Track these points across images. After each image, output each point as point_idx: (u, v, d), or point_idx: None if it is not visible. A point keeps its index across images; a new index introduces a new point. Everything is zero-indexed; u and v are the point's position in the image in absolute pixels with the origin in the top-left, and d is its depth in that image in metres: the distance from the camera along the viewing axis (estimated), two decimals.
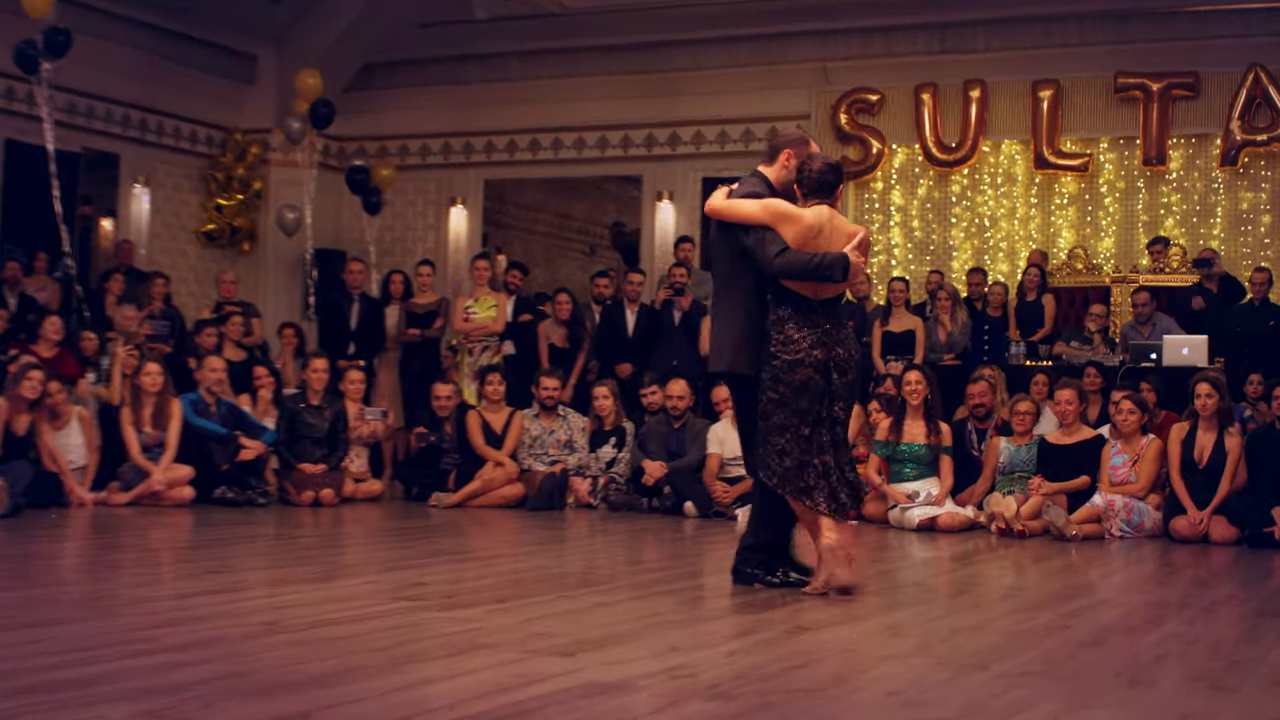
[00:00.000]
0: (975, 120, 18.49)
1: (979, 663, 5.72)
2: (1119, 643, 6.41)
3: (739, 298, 7.85)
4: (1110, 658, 6.01)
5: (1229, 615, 7.59)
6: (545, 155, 21.05)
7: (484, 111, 21.09)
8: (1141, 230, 17.99)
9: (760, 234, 7.63)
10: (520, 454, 13.89)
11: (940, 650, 6.05)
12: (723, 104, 19.64)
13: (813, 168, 7.81)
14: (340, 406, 13.98)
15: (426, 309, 16.52)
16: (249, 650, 5.61)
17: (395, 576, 8.29)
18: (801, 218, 7.67)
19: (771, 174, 8.02)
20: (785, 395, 7.63)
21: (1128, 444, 12.06)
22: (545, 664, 5.42)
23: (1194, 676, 5.66)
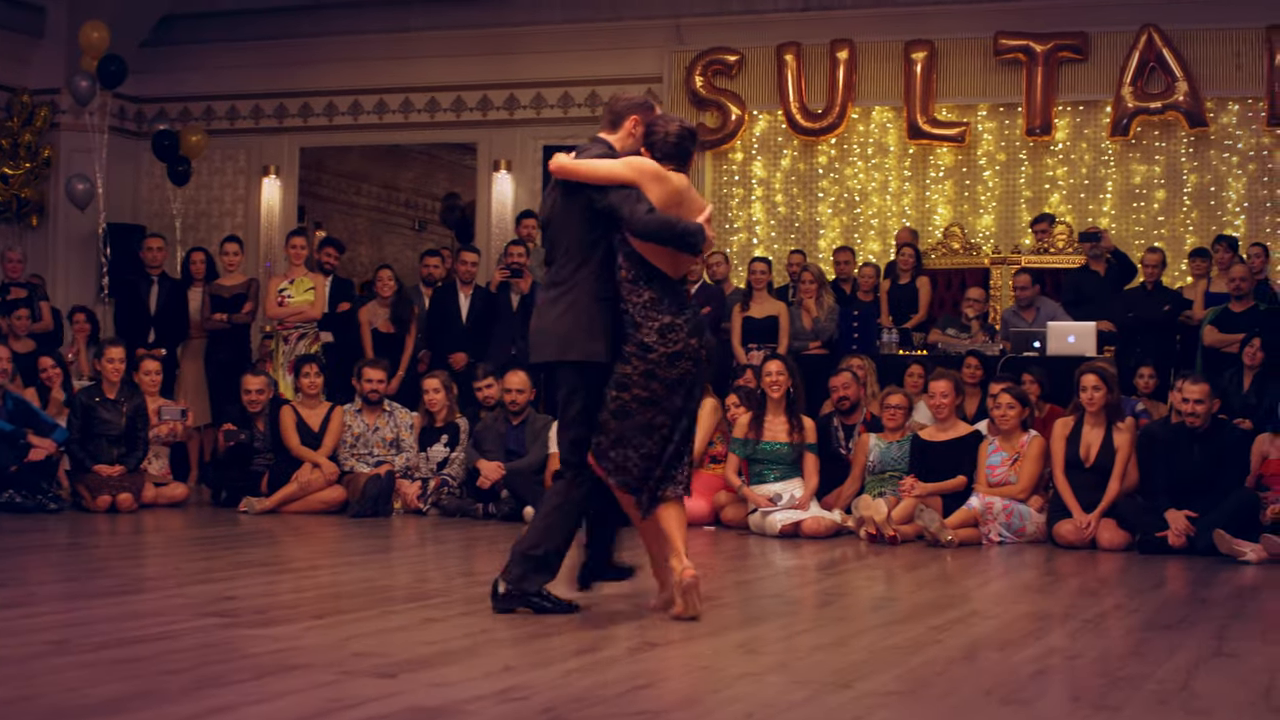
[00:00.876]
0: (843, 84, 18.65)
1: (841, 681, 5.81)
2: (993, 658, 6.52)
3: (587, 276, 7.59)
4: (983, 674, 6.12)
5: (1116, 627, 7.72)
6: (368, 119, 20.96)
7: (300, 70, 20.93)
8: (1024, 206, 18.23)
9: (625, 194, 7.42)
10: (341, 454, 13.86)
11: (799, 668, 6.14)
12: (565, 64, 19.67)
13: (669, 129, 7.69)
14: (140, 401, 13.84)
15: (234, 291, 16.31)
16: (32, 672, 5.58)
17: (200, 590, 8.26)
18: (670, 179, 7.54)
19: (616, 141, 7.80)
20: (658, 393, 7.44)
21: (1006, 441, 12.23)
22: (363, 686, 5.45)
23: (1074, 695, 5.78)
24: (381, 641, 6.46)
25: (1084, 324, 14.94)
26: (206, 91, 21.30)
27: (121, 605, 7.51)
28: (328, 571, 9.60)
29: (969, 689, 5.79)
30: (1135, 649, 6.90)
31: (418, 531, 12.39)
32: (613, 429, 7.46)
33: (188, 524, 12.69)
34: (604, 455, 7.48)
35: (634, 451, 7.44)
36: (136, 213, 21.19)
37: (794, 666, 6.16)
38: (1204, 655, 6.71)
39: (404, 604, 7.79)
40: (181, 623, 6.88)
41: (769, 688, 5.67)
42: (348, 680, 5.54)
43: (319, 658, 6.00)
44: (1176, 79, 17.42)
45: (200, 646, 6.22)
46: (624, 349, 7.50)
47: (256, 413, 14.11)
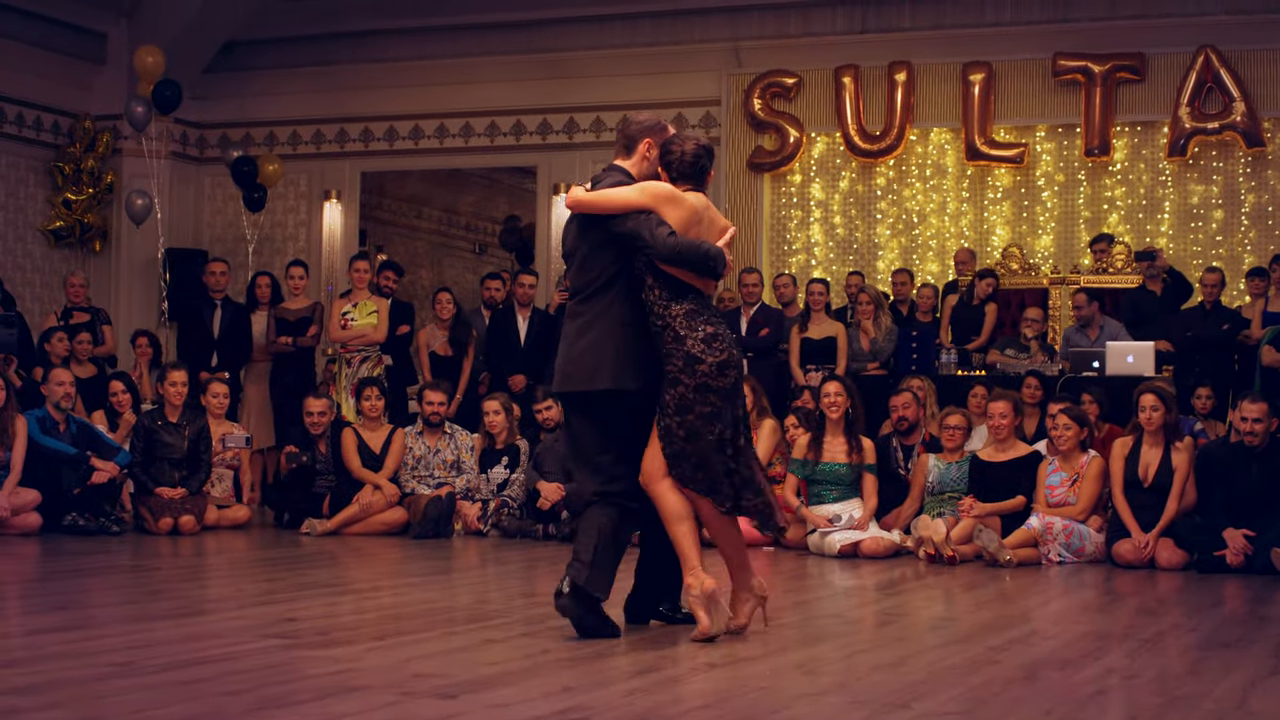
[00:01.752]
0: (901, 106, 18.63)
1: (899, 701, 5.79)
2: (1052, 678, 6.49)
3: (610, 301, 7.56)
4: (1042, 695, 6.09)
5: (1174, 646, 7.69)
6: (429, 144, 21.02)
7: (361, 95, 20.99)
8: (1083, 227, 18.17)
9: (643, 219, 7.38)
10: (402, 476, 13.90)
11: (858, 688, 6.13)
12: (625, 88, 19.65)
13: (685, 149, 7.64)
14: (202, 424, 13.91)
15: (299, 315, 16.40)
16: (99, 693, 5.62)
17: (262, 612, 8.30)
18: (685, 200, 7.51)
19: (632, 167, 7.77)
20: (718, 405, 7.40)
21: (1065, 461, 12.18)
22: (424, 707, 5.46)
23: (1132, 714, 5.77)
24: (442, 662, 6.47)
25: (1142, 344, 14.87)
26: (269, 117, 21.39)
27: (184, 627, 7.55)
28: (389, 593, 9.63)
29: (1028, 709, 5.77)
30: (1193, 668, 6.88)
31: (478, 553, 12.41)
32: (690, 453, 7.39)
33: (250, 546, 12.74)
34: (692, 480, 7.41)
35: (719, 470, 7.42)
36: (199, 237, 21.31)
37: (853, 687, 6.15)
38: (1261, 674, 6.68)
39: (465, 625, 7.81)
40: (244, 644, 6.90)
41: (827, 708, 5.66)
42: (408, 701, 5.55)
43: (380, 679, 6.01)
44: (1234, 99, 17.34)
45: (262, 668, 6.24)
46: (669, 370, 7.42)
47: (319, 435, 14.16)
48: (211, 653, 6.61)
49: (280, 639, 7.06)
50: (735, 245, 17.96)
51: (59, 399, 13.45)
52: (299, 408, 14.50)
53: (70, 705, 5.39)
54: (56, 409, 13.41)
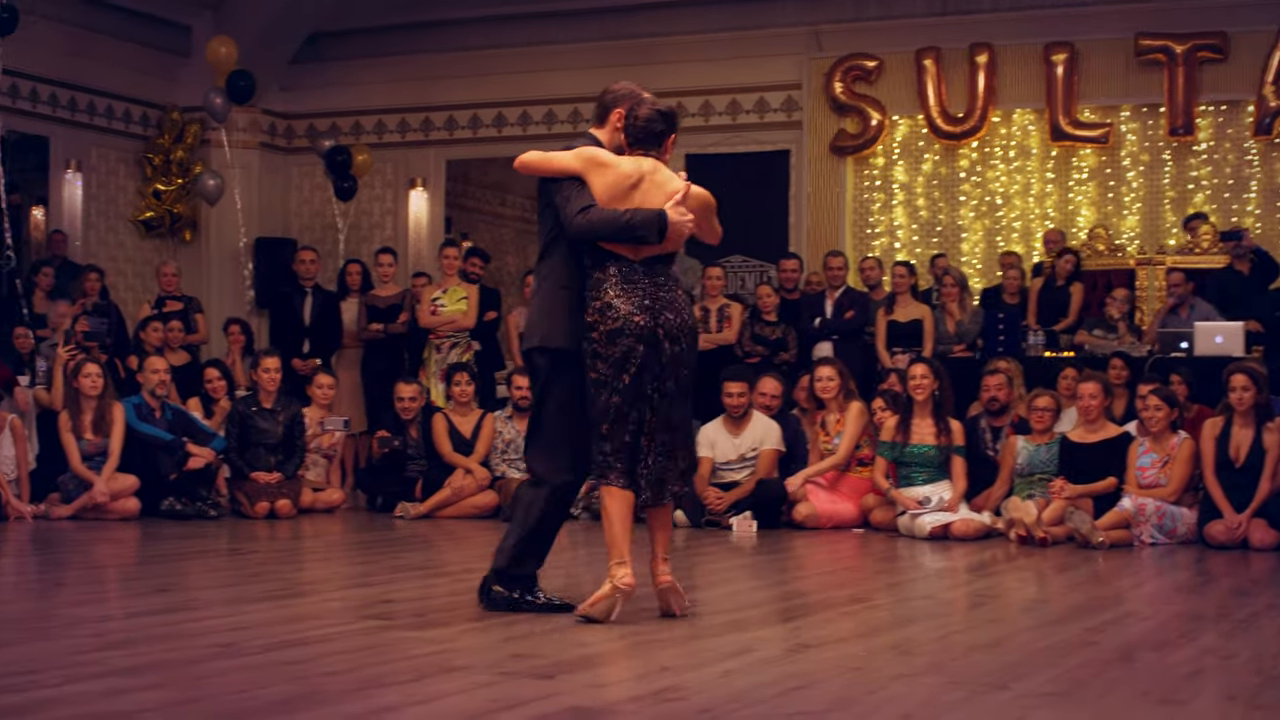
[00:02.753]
0: (983, 88, 18.53)
1: (997, 682, 5.76)
2: (1148, 659, 6.45)
3: (554, 263, 7.58)
4: (1139, 675, 6.06)
5: (1269, 626, 7.61)
6: (512, 131, 21.04)
7: (444, 84, 21.06)
8: (1168, 207, 18.03)
9: (568, 189, 7.38)
10: (493, 460, 13.94)
11: (954, 669, 6.09)
12: (705, 73, 19.63)
13: (639, 114, 7.55)
14: (296, 410, 13.99)
15: (389, 302, 16.47)
16: (202, 674, 5.66)
17: (359, 594, 8.35)
18: (616, 166, 7.42)
19: (604, 136, 7.72)
20: (604, 373, 7.30)
21: (1156, 443, 12.07)
22: (522, 687, 5.47)
23: (1229, 694, 5.72)
24: (538, 643, 6.47)
25: (1232, 324, 14.71)
26: (355, 106, 21.47)
27: (283, 608, 7.60)
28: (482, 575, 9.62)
29: (1125, 690, 5.73)
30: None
31: (569, 535, 12.37)
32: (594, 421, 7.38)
33: (345, 529, 12.82)
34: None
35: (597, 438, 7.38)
36: (287, 226, 21.41)
37: (949, 667, 6.11)
38: None
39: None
40: (342, 625, 6.94)
41: (925, 688, 5.64)
42: (507, 681, 5.56)
43: (477, 659, 6.03)
44: None
45: (361, 649, 6.27)
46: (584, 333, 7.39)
47: (410, 420, 14.20)
48: (311, 634, 6.65)
49: (378, 620, 7.09)
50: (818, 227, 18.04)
51: (154, 386, 13.56)
52: (390, 393, 14.55)
53: (172, 686, 5.43)
54: (152, 396, 13.52)
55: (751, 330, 15.90)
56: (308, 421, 14.23)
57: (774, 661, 6.20)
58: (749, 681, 5.71)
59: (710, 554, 10.90)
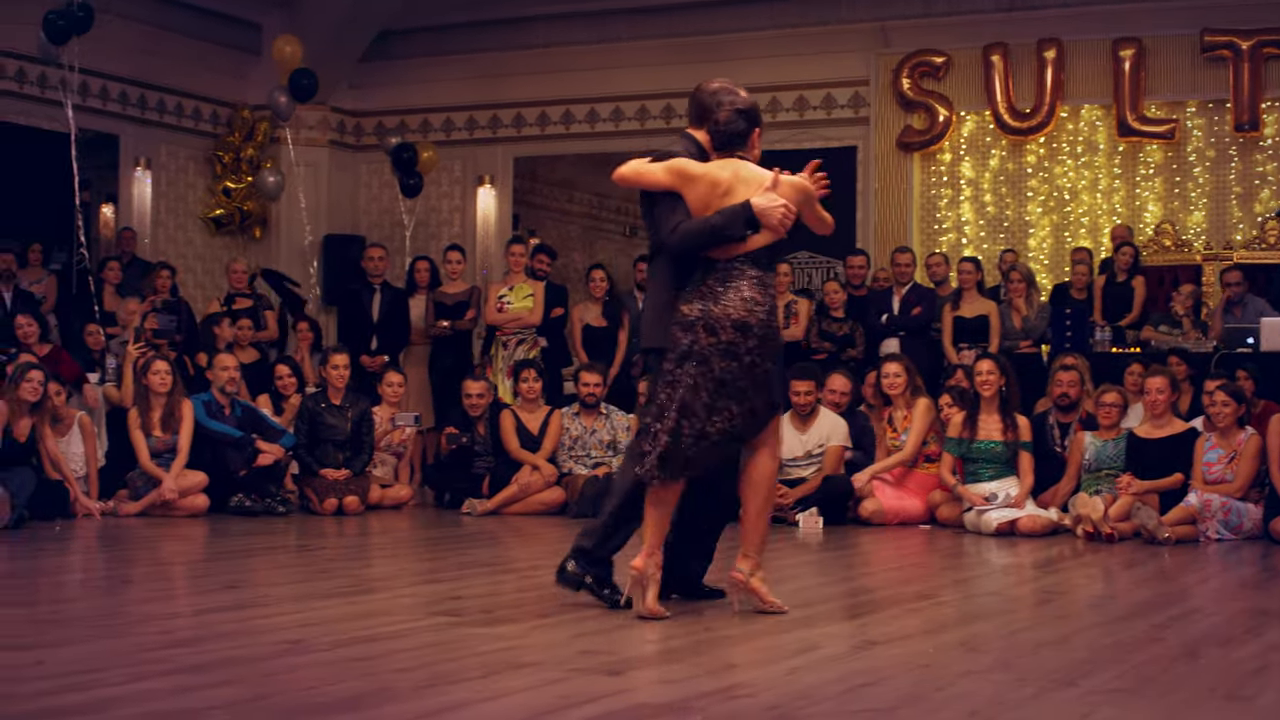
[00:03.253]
0: (1051, 84, 18.46)
1: (1065, 679, 5.74)
2: (1214, 655, 6.42)
3: (661, 266, 7.70)
4: (1204, 671, 6.03)
5: None
6: (580, 128, 21.10)
7: (512, 81, 21.10)
8: (1235, 203, 17.92)
9: (662, 206, 7.49)
10: (560, 456, 13.96)
11: (1022, 665, 6.08)
12: (772, 69, 19.59)
13: (719, 118, 7.58)
14: (365, 407, 14.03)
15: (456, 299, 16.50)
16: (271, 671, 5.68)
17: (427, 590, 8.38)
18: (706, 175, 7.45)
19: (702, 136, 7.81)
20: (674, 374, 7.32)
21: (1223, 438, 12.01)
22: (591, 684, 5.47)
23: None
24: (606, 640, 6.49)
25: None
26: (423, 104, 21.54)
27: (352, 605, 7.62)
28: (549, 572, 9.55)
29: (1192, 686, 5.71)
30: None
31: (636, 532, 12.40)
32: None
33: (412, 525, 12.87)
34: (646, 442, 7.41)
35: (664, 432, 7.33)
36: (355, 223, 21.49)
37: (1016, 664, 6.09)
38: None
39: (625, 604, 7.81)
40: (412, 622, 6.96)
41: (992, 685, 5.62)
42: (576, 677, 5.57)
43: (546, 655, 6.04)
44: None
45: (431, 645, 6.29)
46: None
47: (477, 416, 14.24)
48: (380, 630, 6.67)
49: (447, 616, 7.10)
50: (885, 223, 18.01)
51: (224, 383, 13.64)
52: (457, 390, 14.59)
53: (241, 683, 5.45)
54: (222, 393, 13.59)
55: (819, 326, 15.89)
56: (378, 419, 14.28)
57: (841, 658, 6.20)
58: (816, 678, 5.71)
59: (777, 550, 10.87)
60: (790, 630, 6.87)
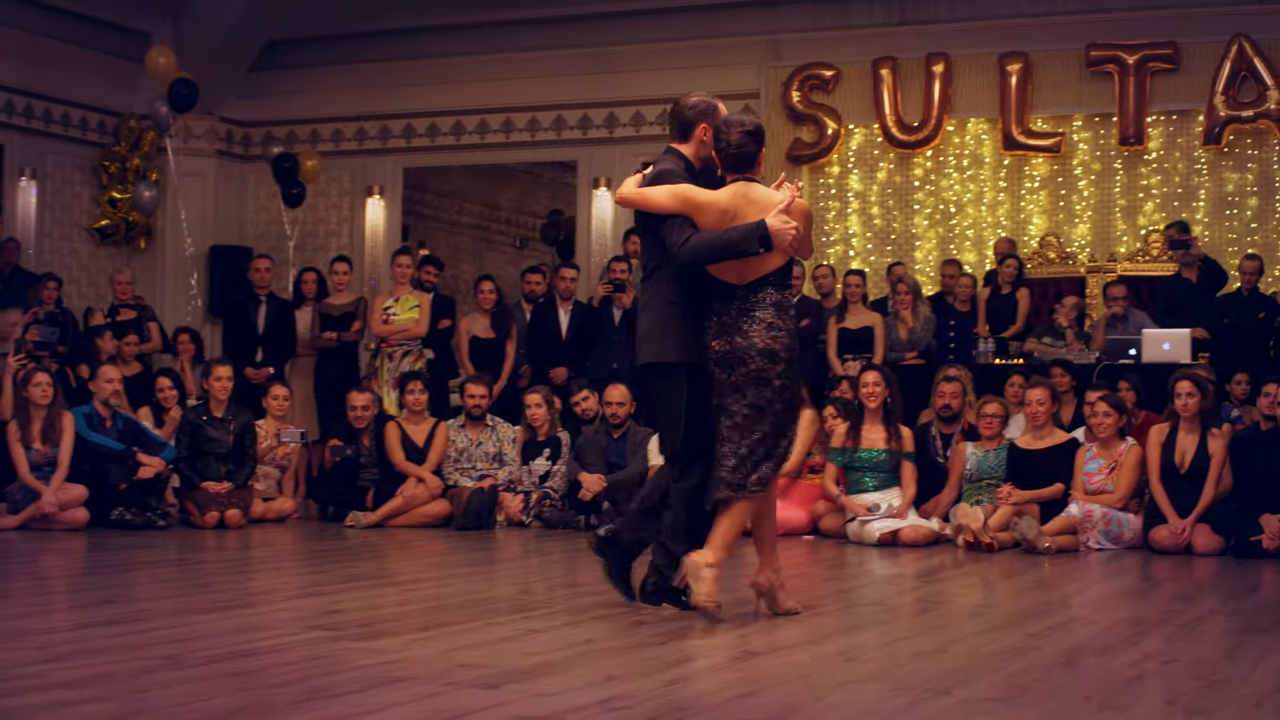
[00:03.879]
0: (939, 97, 18.58)
1: (941, 688, 5.78)
2: (1091, 664, 6.48)
3: (660, 282, 7.86)
4: (1081, 680, 6.08)
5: (1211, 632, 7.68)
6: (470, 139, 21.03)
7: (402, 92, 21.02)
8: (1119, 215, 18.09)
9: (671, 222, 7.65)
10: (445, 468, 13.93)
11: (899, 675, 6.11)
12: (664, 81, 19.57)
13: (730, 139, 7.75)
14: (247, 419, 13.92)
15: (343, 310, 16.39)
16: (146, 686, 5.63)
17: (307, 604, 8.33)
18: (713, 204, 7.64)
19: (688, 150, 8.00)
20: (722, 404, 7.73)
21: (1104, 449, 12.15)
22: (468, 697, 5.46)
23: (1170, 699, 5.74)
24: (485, 653, 6.47)
25: (1178, 331, 14.77)
26: (312, 114, 21.43)
27: (230, 620, 7.56)
28: (432, 584, 9.64)
29: (1068, 695, 5.77)
30: (1230, 653, 6.86)
31: (521, 544, 12.43)
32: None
33: (295, 539, 12.78)
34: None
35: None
36: (243, 234, 21.36)
37: (894, 674, 6.13)
38: None
39: (507, 616, 7.80)
40: (290, 636, 6.92)
41: (868, 695, 5.65)
42: (452, 691, 5.55)
43: (424, 669, 6.02)
44: (1268, 87, 17.23)
45: (308, 660, 6.26)
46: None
47: (362, 428, 14.18)
48: (258, 645, 6.63)
49: (325, 631, 7.07)
50: None
51: (107, 396, 13.50)
52: (342, 402, 14.52)
53: (117, 698, 5.41)
54: (104, 405, 13.46)
55: None
56: (263, 433, 14.19)
57: (720, 669, 6.22)
58: (695, 690, 5.73)
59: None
60: (670, 641, 6.89)
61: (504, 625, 7.33)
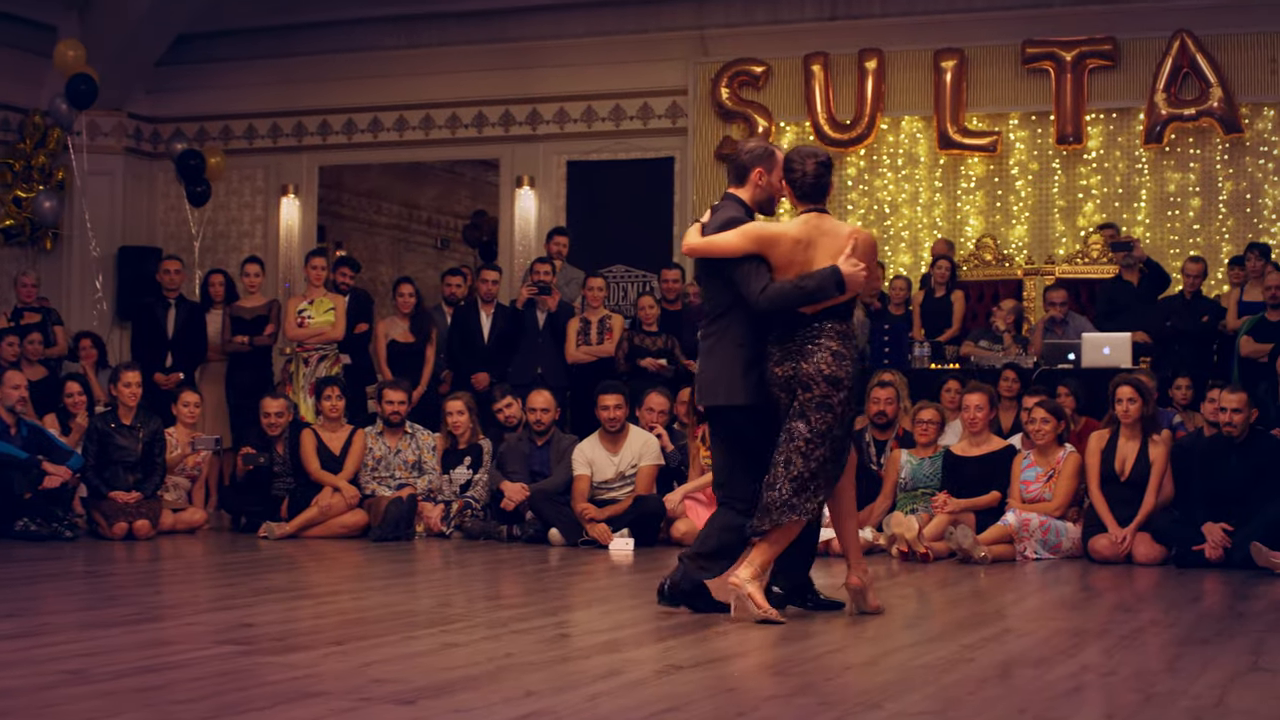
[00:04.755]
0: (872, 94, 18.65)
1: (870, 701, 5.79)
2: (1027, 676, 6.50)
3: (729, 324, 8.32)
4: (1016, 693, 6.11)
5: (1152, 643, 7.71)
6: (388, 136, 21.01)
7: (318, 87, 20.99)
8: (1058, 216, 18.20)
9: (746, 267, 8.08)
10: (362, 477, 13.90)
11: (828, 689, 6.13)
12: (588, 78, 19.67)
13: (806, 170, 8.23)
14: (157, 427, 13.84)
15: (255, 313, 16.29)
16: (50, 702, 5.59)
17: (218, 617, 8.30)
18: (784, 236, 8.11)
19: (745, 195, 8.44)
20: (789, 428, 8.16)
21: (1042, 456, 12.21)
22: (383, 713, 5.45)
23: (1109, 712, 5.77)
24: (402, 667, 6.46)
25: (1119, 335, 14.87)
26: (223, 110, 21.37)
27: (138, 634, 7.52)
28: (349, 597, 9.62)
29: (1003, 708, 5.78)
30: (1171, 665, 6.89)
31: (440, 555, 12.41)
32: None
33: (206, 550, 12.72)
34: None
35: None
36: (153, 235, 21.25)
37: (822, 688, 6.15)
38: (1240, 670, 6.70)
39: (426, 629, 7.79)
40: (199, 651, 6.89)
41: (795, 710, 5.67)
42: (366, 707, 5.54)
43: (338, 685, 6.00)
44: (1210, 85, 17.39)
45: (218, 675, 6.23)
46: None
47: (276, 436, 14.13)
48: (166, 660, 6.60)
49: (237, 645, 7.04)
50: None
51: (13, 402, 13.40)
52: (255, 408, 14.46)
53: (21, 715, 5.37)
54: (9, 412, 13.36)
55: (631, 342, 15.83)
56: (174, 441, 14.14)
57: (644, 683, 6.22)
58: (617, 705, 5.72)
59: (586, 574, 10.92)
60: (594, 655, 6.89)
61: (422, 639, 7.32)
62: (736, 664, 6.73)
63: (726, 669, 6.58)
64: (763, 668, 6.64)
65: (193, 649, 6.95)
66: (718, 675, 6.43)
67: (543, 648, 7.10)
